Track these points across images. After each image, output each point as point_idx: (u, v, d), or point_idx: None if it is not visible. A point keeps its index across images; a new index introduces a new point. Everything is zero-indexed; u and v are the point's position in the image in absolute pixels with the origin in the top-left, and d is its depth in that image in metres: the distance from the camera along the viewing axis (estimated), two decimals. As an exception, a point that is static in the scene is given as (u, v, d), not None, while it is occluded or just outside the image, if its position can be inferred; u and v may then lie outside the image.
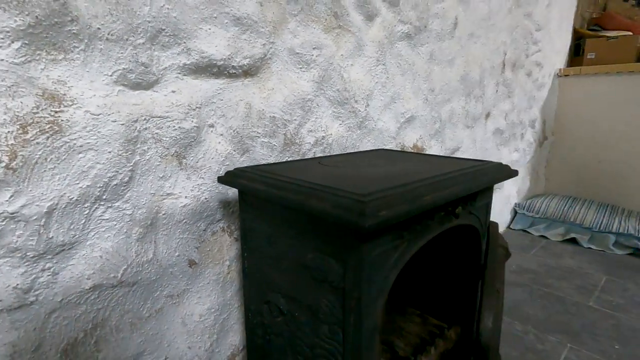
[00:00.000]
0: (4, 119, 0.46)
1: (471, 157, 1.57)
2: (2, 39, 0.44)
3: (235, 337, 0.80)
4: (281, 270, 0.55)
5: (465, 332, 0.73)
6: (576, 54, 2.50)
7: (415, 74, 1.14)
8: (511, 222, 2.09)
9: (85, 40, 0.51)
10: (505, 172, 0.64)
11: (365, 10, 0.92)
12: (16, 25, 0.45)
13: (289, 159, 0.82)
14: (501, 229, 2.03)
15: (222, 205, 0.72)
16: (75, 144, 0.52)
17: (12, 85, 0.46)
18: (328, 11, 0.83)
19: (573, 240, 1.83)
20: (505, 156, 1.90)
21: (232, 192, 0.72)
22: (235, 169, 0.63)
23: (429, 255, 0.78)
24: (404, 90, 1.10)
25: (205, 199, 0.69)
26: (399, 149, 1.12)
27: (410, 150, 1.19)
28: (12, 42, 0.45)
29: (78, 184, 0.53)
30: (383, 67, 1.01)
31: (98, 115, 0.53)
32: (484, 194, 0.64)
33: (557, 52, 2.27)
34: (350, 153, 0.88)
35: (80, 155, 0.52)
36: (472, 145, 1.56)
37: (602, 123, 2.18)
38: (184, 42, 0.62)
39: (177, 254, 0.67)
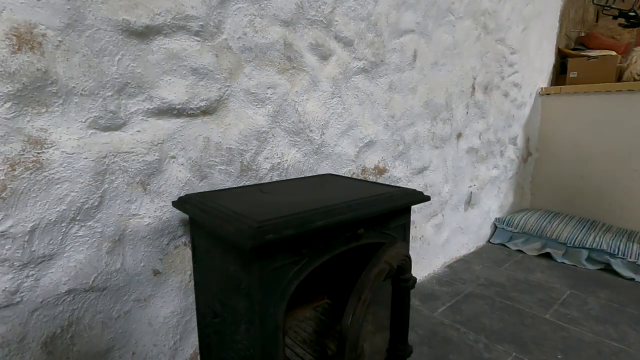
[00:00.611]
0: (-3, 160, 0.60)
1: (441, 175, 1.67)
2: (-3, 101, 0.59)
3: (197, 337, 0.92)
4: (216, 279, 0.67)
5: (391, 337, 0.83)
6: (562, 72, 2.58)
7: (374, 103, 1.26)
8: (491, 236, 2.16)
9: (63, 96, 0.66)
10: (417, 198, 0.75)
11: (319, 52, 1.06)
12: (7, 90, 0.59)
13: (246, 183, 0.95)
14: (481, 242, 2.10)
15: (183, 223, 0.85)
16: (53, 177, 0.66)
17: (4, 135, 0.60)
18: (281, 56, 0.97)
19: (548, 255, 1.89)
20: (482, 173, 1.99)
21: (183, 216, 0.85)
22: (185, 195, 0.77)
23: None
24: (362, 118, 1.23)
25: (167, 218, 0.82)
26: (351, 174, 1.22)
27: (371, 171, 1.30)
28: (5, 103, 0.60)
29: (56, 208, 0.67)
30: (339, 99, 1.14)
31: (72, 154, 0.67)
32: (398, 217, 0.76)
33: (538, 72, 2.36)
34: (297, 179, 1.00)
35: (58, 185, 0.67)
36: (442, 164, 1.66)
37: (584, 140, 2.24)
38: (147, 91, 0.76)
39: (142, 264, 0.81)
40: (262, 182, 0.98)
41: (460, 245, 1.92)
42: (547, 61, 2.45)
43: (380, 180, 1.35)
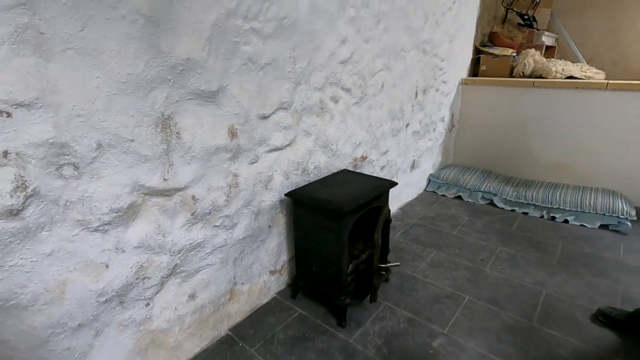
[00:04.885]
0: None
1: (396, 153, 2.62)
2: (225, 161, 1.38)
3: (285, 255, 1.82)
4: (310, 226, 1.57)
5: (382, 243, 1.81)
6: (478, 63, 3.56)
7: (362, 119, 2.12)
8: (427, 186, 3.24)
9: (242, 153, 1.45)
10: (390, 186, 1.68)
11: (334, 99, 1.87)
12: (229, 156, 1.38)
13: (303, 179, 1.80)
14: (420, 191, 3.17)
15: (282, 203, 1.70)
16: (242, 188, 1.47)
17: (226, 175, 1.40)
18: (318, 106, 1.78)
19: (460, 197, 3.01)
20: (422, 145, 2.98)
21: (285, 198, 1.69)
22: (290, 191, 1.62)
23: (370, 218, 1.83)
24: (355, 130, 2.09)
25: (274, 201, 1.66)
26: (349, 162, 2.12)
27: (359, 159, 2.20)
28: (228, 160, 1.39)
29: (239, 205, 1.49)
30: (344, 123, 1.98)
31: (247, 177, 1.48)
32: (383, 195, 1.68)
33: (460, 67, 3.30)
34: (330, 175, 1.86)
35: (242, 192, 1.48)
36: (397, 146, 2.60)
37: (487, 117, 3.31)
38: (267, 142, 1.55)
39: (265, 223, 1.66)
40: (310, 177, 1.83)
41: (408, 195, 2.96)
42: (467, 57, 3.39)
43: (363, 163, 2.26)
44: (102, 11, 0.95)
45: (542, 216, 2.67)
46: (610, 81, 2.72)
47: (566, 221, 2.58)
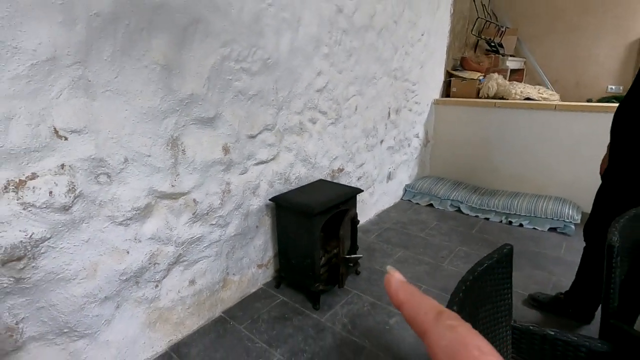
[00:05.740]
0: (220, 191, 1.76)
1: (372, 166, 2.98)
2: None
3: (271, 252, 2.16)
4: (290, 225, 1.91)
5: (350, 242, 2.14)
6: (449, 85, 3.96)
7: (338, 137, 2.49)
8: (403, 195, 3.59)
9: (233, 166, 1.80)
10: (356, 192, 2.04)
11: (312, 120, 2.24)
12: (223, 168, 1.74)
13: (287, 187, 2.15)
14: (397, 200, 3.52)
15: (267, 207, 2.05)
16: (234, 193, 1.83)
17: (220, 183, 1.75)
18: (298, 128, 2.14)
19: (431, 205, 3.37)
20: (397, 159, 3.35)
21: (270, 203, 2.04)
22: (274, 196, 1.97)
23: (341, 218, 2.17)
24: (332, 147, 2.45)
25: (262, 205, 2.01)
26: (327, 174, 2.48)
27: (336, 171, 2.56)
28: (222, 171, 1.74)
29: (231, 207, 1.84)
30: (322, 141, 2.35)
31: (237, 185, 1.84)
32: (352, 198, 2.03)
33: (433, 89, 3.70)
34: (309, 184, 2.22)
35: (234, 196, 1.83)
36: (372, 159, 2.96)
37: (458, 133, 3.69)
38: (254, 156, 1.91)
39: (253, 223, 2.01)
40: (292, 185, 2.19)
41: (385, 203, 3.31)
42: (438, 80, 3.80)
43: (340, 175, 2.62)
44: (131, 63, 1.32)
45: (501, 221, 3.02)
46: (558, 103, 3.11)
47: (521, 225, 2.93)
